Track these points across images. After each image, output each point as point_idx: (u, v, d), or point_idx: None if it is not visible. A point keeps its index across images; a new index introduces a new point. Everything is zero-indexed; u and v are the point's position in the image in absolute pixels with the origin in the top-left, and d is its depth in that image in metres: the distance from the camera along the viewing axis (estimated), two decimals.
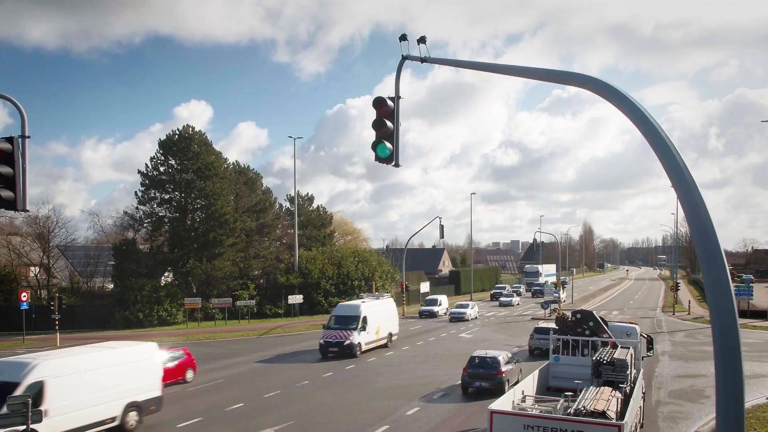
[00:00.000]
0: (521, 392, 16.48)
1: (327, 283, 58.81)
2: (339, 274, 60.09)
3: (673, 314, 54.39)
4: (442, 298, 58.71)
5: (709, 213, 5.76)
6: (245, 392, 24.60)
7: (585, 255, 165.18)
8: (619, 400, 15.02)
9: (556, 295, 55.04)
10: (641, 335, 21.94)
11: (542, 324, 36.39)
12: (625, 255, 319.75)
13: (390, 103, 11.61)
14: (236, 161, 64.77)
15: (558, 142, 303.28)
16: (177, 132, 56.90)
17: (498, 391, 21.79)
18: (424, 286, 71.72)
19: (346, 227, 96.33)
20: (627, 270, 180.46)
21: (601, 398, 14.45)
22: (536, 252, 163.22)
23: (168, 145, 56.37)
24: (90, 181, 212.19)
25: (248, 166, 65.75)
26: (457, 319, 51.01)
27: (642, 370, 20.00)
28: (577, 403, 14.27)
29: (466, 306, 52.70)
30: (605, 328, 20.31)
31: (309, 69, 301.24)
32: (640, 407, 18.00)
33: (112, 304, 51.08)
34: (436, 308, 55.82)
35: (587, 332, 19.92)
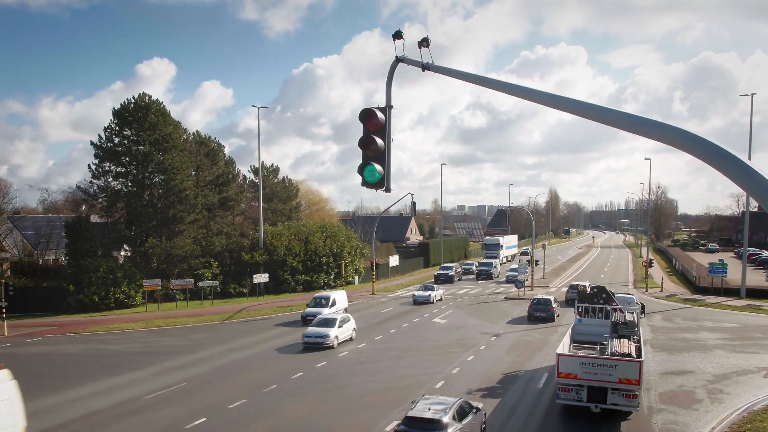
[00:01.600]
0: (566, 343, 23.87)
1: (294, 260, 56.67)
2: (306, 251, 57.96)
3: (646, 291, 53.71)
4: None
5: None
6: (208, 401, 22.52)
7: (551, 221, 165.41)
8: (634, 346, 22.72)
9: (526, 273, 53.71)
10: (637, 303, 33.21)
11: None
12: (589, 218, 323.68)
13: (381, 115, 9.43)
14: (196, 131, 61.59)
15: (526, 104, 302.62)
16: (132, 100, 53.39)
17: None
18: (394, 260, 70.16)
19: (312, 196, 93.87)
20: (593, 237, 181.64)
21: (624, 346, 22.20)
22: (504, 219, 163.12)
23: (123, 115, 52.93)
24: (48, 140, 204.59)
25: (209, 137, 62.66)
26: (423, 302, 48.07)
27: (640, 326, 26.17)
28: (610, 348, 22.13)
29: (431, 288, 50.45)
30: (613, 298, 26.97)
31: (277, 27, 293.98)
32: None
33: (66, 284, 48.12)
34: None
35: (601, 302, 26.45)
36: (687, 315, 42.24)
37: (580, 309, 26.60)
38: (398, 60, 9.54)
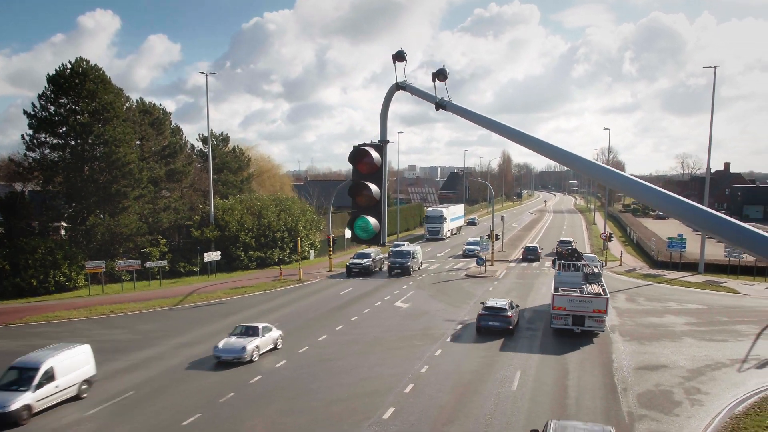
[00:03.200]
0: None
1: (246, 235, 54.31)
2: (260, 226, 55.64)
3: (606, 265, 53.42)
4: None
5: None
6: (159, 417, 20.56)
7: (504, 185, 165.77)
8: (601, 288, 32.39)
9: (487, 249, 52.65)
10: (596, 259, 45.91)
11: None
12: (539, 179, 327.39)
13: (375, 155, 7.53)
14: (140, 99, 57.97)
15: (479, 63, 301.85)
16: (68, 66, 49.48)
17: None
18: (349, 231, 68.27)
19: (263, 163, 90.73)
20: (545, 201, 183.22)
21: (594, 289, 32.50)
22: (457, 182, 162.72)
23: (58, 81, 49.05)
24: None
25: (154, 104, 59.10)
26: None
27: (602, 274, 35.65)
28: (586, 290, 32.32)
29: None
30: (583, 257, 37.37)
31: None
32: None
33: (1, 266, 44.79)
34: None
35: (574, 260, 36.20)
36: (649, 294, 41.95)
37: (560, 265, 36.12)
38: (398, 87, 7.64)
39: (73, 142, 49.05)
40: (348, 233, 65.22)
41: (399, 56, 7.60)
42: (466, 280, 47.76)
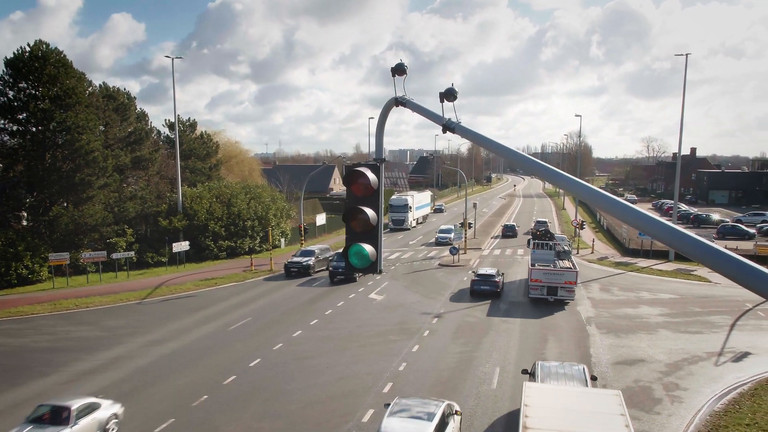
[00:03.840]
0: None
1: (216, 224, 53.16)
2: (229, 214, 54.50)
3: (578, 253, 53.61)
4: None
5: None
6: (130, 425, 19.74)
7: (473, 169, 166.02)
8: (570, 263, 37.47)
9: (461, 239, 52.44)
10: (566, 239, 48.41)
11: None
12: (508, 162, 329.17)
13: (372, 177, 6.89)
14: (103, 83, 56.24)
15: (448, 45, 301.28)
16: (27, 49, 47.50)
17: None
18: (320, 219, 67.47)
19: (230, 148, 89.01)
20: (514, 185, 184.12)
21: (565, 264, 37.13)
22: (427, 166, 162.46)
23: (16, 65, 47.04)
24: None
25: (118, 89, 57.27)
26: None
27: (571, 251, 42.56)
28: (558, 265, 36.49)
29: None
30: (555, 237, 42.55)
31: None
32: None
33: None
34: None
35: (547, 239, 40.53)
36: (622, 283, 42.12)
37: (534, 244, 40.24)
38: (397, 102, 6.99)
39: (33, 129, 47.21)
40: (319, 220, 64.51)
41: (399, 69, 6.96)
42: (439, 270, 47.44)
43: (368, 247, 6.98)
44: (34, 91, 47.01)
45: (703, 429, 19.25)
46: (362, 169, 6.86)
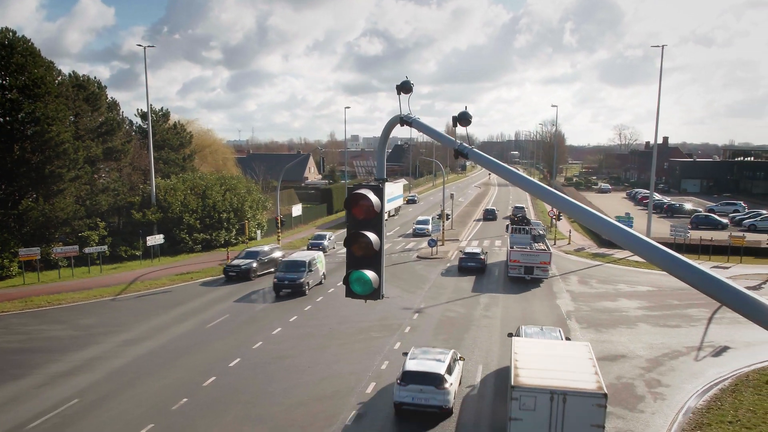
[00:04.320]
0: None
1: (191, 217, 52.29)
2: (204, 206, 53.64)
3: (555, 244, 53.83)
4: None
5: None
6: (110, 430, 19.25)
7: (448, 157, 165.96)
8: (545, 246, 42.80)
9: (439, 230, 52.28)
10: (541, 224, 56.92)
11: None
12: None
13: (374, 199, 6.53)
14: (73, 72, 54.64)
15: (423, 32, 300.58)
16: None
17: None
18: (297, 209, 66.90)
19: (204, 137, 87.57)
20: (489, 174, 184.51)
21: (540, 246, 42.46)
22: (402, 155, 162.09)
23: None
24: None
25: (88, 78, 55.77)
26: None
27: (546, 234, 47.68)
28: (534, 247, 41.69)
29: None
30: (531, 223, 47.75)
31: None
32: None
33: None
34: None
35: (523, 224, 45.26)
36: (600, 275, 42.37)
37: (512, 229, 45.25)
38: (402, 121, 6.62)
39: (1, 120, 45.78)
40: (295, 211, 63.78)
41: (405, 87, 6.59)
42: (418, 262, 47.25)
43: (370, 273, 6.65)
44: (1, 81, 45.57)
45: (686, 427, 19.34)
46: (363, 191, 6.51)
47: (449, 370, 19.83)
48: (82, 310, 34.50)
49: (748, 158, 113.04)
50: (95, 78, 56.39)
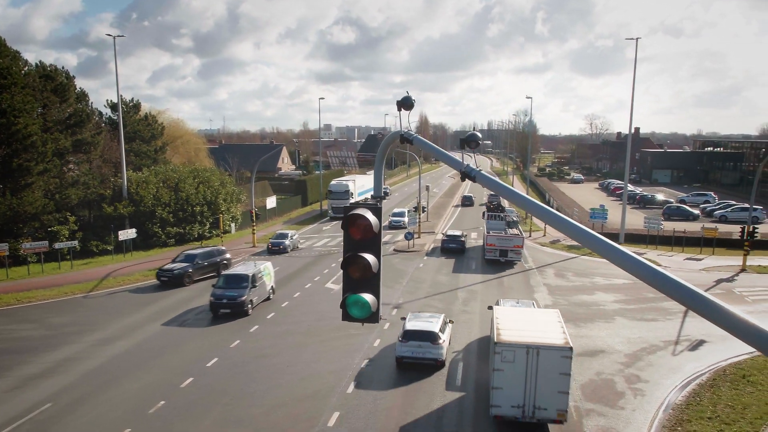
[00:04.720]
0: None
1: (163, 210, 51.39)
2: (177, 200, 52.74)
3: (530, 236, 54.07)
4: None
5: None
6: None
7: None
8: (518, 231, 47.03)
9: (415, 224, 52.18)
10: (515, 211, 60.80)
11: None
12: (454, 139, 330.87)
13: (373, 219, 6.26)
14: (40, 62, 53.12)
15: (396, 20, 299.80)
16: None
17: None
18: (271, 201, 66.10)
19: (175, 128, 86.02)
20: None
21: (514, 231, 46.61)
22: (376, 144, 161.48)
23: None
24: None
25: (56, 68, 54.29)
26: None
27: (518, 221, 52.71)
28: (508, 232, 46.11)
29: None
30: (505, 210, 55.23)
31: None
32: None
33: None
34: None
35: (498, 211, 52.20)
36: (576, 268, 42.64)
37: (488, 216, 50.58)
38: (402, 139, 6.34)
39: None
40: (270, 203, 63.07)
41: (406, 104, 6.31)
42: (395, 256, 47.08)
43: (368, 296, 6.39)
44: None
45: (667, 424, 19.47)
46: (361, 210, 6.23)
47: (442, 330, 23.99)
48: (53, 309, 33.70)
49: (718, 149, 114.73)
50: (63, 68, 54.96)
